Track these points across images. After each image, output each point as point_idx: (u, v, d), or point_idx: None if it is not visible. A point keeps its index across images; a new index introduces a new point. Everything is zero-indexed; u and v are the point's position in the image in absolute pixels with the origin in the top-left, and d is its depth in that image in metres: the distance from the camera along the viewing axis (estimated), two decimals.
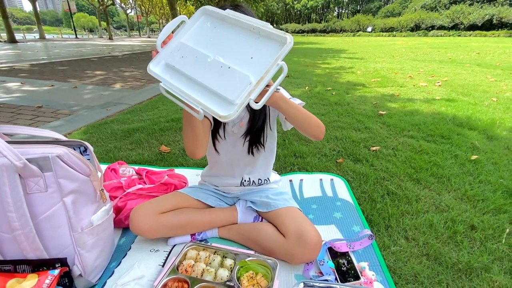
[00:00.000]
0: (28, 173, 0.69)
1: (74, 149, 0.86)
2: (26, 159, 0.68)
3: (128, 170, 1.30)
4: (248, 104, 0.59)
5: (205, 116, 0.88)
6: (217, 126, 0.95)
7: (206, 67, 0.64)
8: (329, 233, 1.04)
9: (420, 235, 1.04)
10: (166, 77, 0.68)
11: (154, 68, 0.71)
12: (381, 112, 2.52)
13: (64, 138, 0.84)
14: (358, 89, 3.69)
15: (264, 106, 0.90)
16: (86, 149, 0.87)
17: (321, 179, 1.39)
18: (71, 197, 0.75)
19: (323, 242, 0.92)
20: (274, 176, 1.18)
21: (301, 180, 1.39)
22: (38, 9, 21.07)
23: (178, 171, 1.41)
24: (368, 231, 0.99)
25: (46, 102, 3.11)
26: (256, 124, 0.95)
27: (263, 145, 1.00)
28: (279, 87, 0.76)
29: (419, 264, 0.90)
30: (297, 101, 0.93)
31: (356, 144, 1.84)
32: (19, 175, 0.68)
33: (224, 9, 0.80)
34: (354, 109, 2.69)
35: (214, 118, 0.89)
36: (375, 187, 1.34)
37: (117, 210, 1.07)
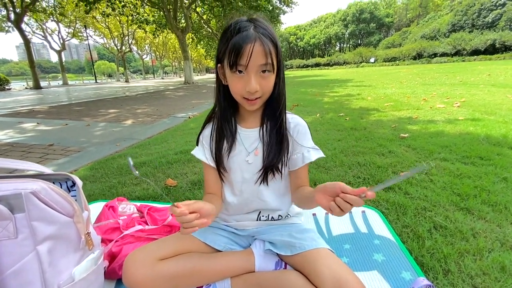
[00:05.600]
0: None
1: (61, 184, 0.73)
2: None
3: (128, 208, 1.15)
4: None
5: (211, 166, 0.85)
6: (220, 161, 0.83)
7: None
8: (372, 282, 0.81)
9: (492, 282, 0.80)
10: None
11: None
12: (403, 135, 2.34)
13: (49, 171, 0.71)
14: (372, 113, 3.55)
15: (282, 137, 0.80)
16: (74, 184, 0.74)
17: (350, 212, 1.18)
18: (47, 244, 0.60)
19: None
20: (295, 208, 1.00)
21: (327, 213, 1.19)
22: (64, 59, 23.13)
23: None
24: (424, 280, 0.76)
25: (58, 140, 3.11)
26: (273, 151, 0.81)
27: (281, 172, 0.84)
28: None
29: None
30: (317, 154, 0.82)
31: (383, 169, 1.65)
32: None
33: (239, 22, 0.71)
34: (372, 133, 2.52)
35: (216, 156, 0.83)
36: (417, 220, 1.12)
37: (111, 257, 0.90)
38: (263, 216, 0.90)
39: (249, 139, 0.84)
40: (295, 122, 0.85)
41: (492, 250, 0.93)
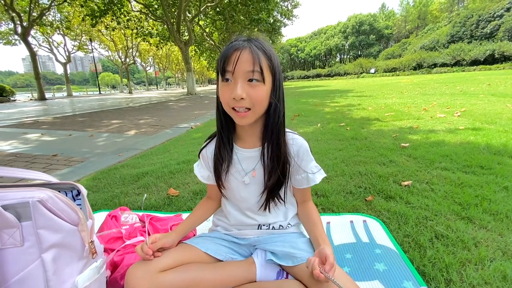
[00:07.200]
0: (3, 223, 0.57)
1: (66, 193, 0.75)
2: (1, 205, 0.57)
3: (131, 217, 1.16)
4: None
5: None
6: (219, 178, 0.85)
7: None
8: None
9: None
10: None
11: None
12: (404, 145, 2.35)
13: (55, 180, 0.73)
14: (373, 123, 3.57)
15: (283, 157, 0.79)
16: (79, 193, 0.75)
17: (351, 221, 1.19)
18: (52, 252, 0.61)
19: None
20: (296, 218, 1.00)
21: (328, 223, 1.19)
22: (69, 71, 23.62)
23: (186, 216, 1.25)
24: None
25: (61, 150, 3.15)
26: (273, 176, 0.79)
27: (283, 200, 0.85)
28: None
29: None
30: (321, 175, 0.85)
31: (384, 179, 1.65)
32: None
33: (236, 37, 0.74)
34: (373, 143, 2.54)
35: (214, 173, 0.85)
36: (419, 229, 1.11)
37: (113, 266, 0.90)
38: (264, 225, 0.90)
39: (247, 160, 0.83)
40: (297, 144, 0.82)
41: (494, 259, 0.92)
